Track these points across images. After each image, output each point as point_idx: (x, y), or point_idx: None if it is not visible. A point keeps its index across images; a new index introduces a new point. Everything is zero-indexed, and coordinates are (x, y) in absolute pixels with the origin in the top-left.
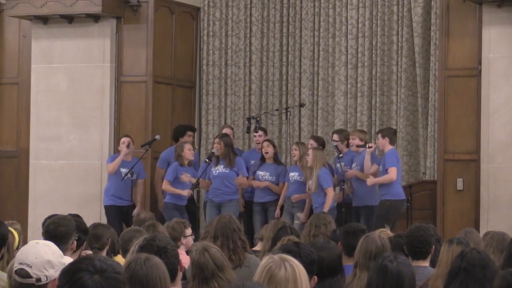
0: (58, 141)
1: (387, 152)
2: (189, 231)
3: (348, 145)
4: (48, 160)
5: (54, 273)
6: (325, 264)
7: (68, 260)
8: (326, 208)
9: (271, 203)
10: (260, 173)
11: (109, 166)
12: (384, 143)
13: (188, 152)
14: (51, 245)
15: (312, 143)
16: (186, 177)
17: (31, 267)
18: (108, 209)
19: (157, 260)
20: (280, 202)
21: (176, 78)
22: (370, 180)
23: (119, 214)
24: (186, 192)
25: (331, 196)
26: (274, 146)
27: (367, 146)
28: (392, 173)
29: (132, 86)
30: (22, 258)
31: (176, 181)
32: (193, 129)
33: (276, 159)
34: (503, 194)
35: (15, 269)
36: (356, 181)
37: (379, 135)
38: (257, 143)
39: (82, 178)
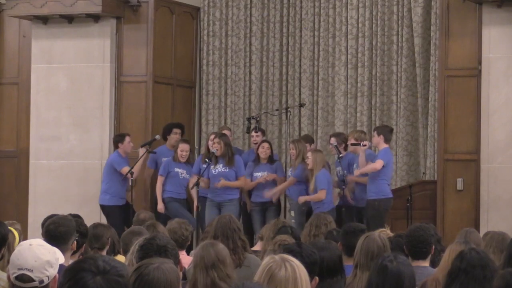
0: (58, 141)
1: (381, 150)
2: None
3: (346, 148)
4: (48, 160)
5: (53, 271)
6: (325, 264)
7: (59, 254)
8: (303, 199)
9: (270, 204)
10: (257, 174)
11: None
12: (378, 141)
13: (179, 153)
14: (45, 245)
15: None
16: (192, 180)
17: (32, 271)
18: (111, 209)
19: (167, 266)
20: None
21: (176, 78)
22: (357, 171)
23: (121, 214)
24: (159, 207)
25: (320, 197)
26: (271, 147)
27: (361, 145)
28: (377, 164)
29: (132, 86)
30: (20, 263)
31: (169, 176)
32: (178, 126)
33: (270, 159)
34: (503, 194)
35: (14, 275)
36: (357, 184)
37: (375, 133)
38: (254, 143)
39: (82, 178)
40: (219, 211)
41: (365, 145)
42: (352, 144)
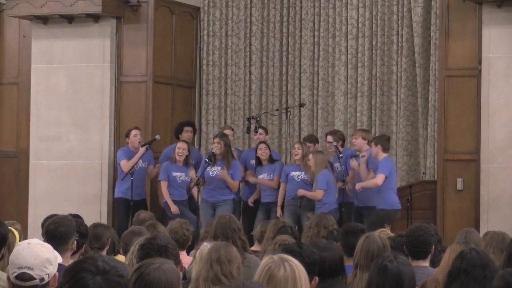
0: (58, 141)
1: (381, 160)
2: None
3: (343, 145)
4: (48, 160)
5: (53, 269)
6: (327, 264)
7: (57, 253)
8: (304, 193)
9: (274, 204)
10: (260, 176)
11: (126, 165)
12: (377, 151)
13: (177, 151)
14: (43, 243)
15: (308, 145)
16: (192, 174)
17: (32, 269)
18: (117, 202)
19: (168, 267)
20: (279, 202)
21: (176, 78)
22: (358, 185)
23: (127, 207)
24: (173, 209)
25: (316, 196)
26: (269, 149)
27: (360, 155)
28: (379, 179)
29: (132, 86)
30: (20, 262)
31: (168, 180)
32: (189, 124)
33: (270, 159)
34: (503, 194)
35: (14, 274)
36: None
37: (372, 143)
38: (257, 142)
39: (82, 178)
40: (214, 211)
41: (363, 156)
42: (352, 156)
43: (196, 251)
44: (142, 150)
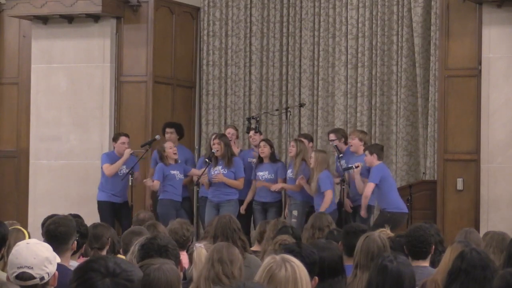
0: (58, 141)
1: (373, 167)
2: None
3: (346, 143)
4: (48, 160)
5: (52, 268)
6: (326, 264)
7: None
8: (322, 209)
9: (272, 204)
10: (259, 173)
11: (108, 169)
12: (371, 160)
13: (170, 151)
14: (42, 243)
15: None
16: (197, 172)
17: (32, 268)
18: (102, 205)
19: (168, 267)
20: (275, 187)
21: (176, 78)
22: (355, 172)
23: (112, 210)
24: (151, 182)
25: (329, 198)
26: (271, 146)
27: (354, 166)
28: (368, 188)
29: (132, 86)
30: (19, 261)
31: (167, 179)
32: (171, 126)
33: (272, 158)
34: (503, 194)
35: (14, 274)
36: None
37: (367, 152)
38: (253, 142)
39: (82, 178)
40: (218, 211)
41: (357, 167)
42: (345, 169)
43: (195, 253)
44: (126, 154)
